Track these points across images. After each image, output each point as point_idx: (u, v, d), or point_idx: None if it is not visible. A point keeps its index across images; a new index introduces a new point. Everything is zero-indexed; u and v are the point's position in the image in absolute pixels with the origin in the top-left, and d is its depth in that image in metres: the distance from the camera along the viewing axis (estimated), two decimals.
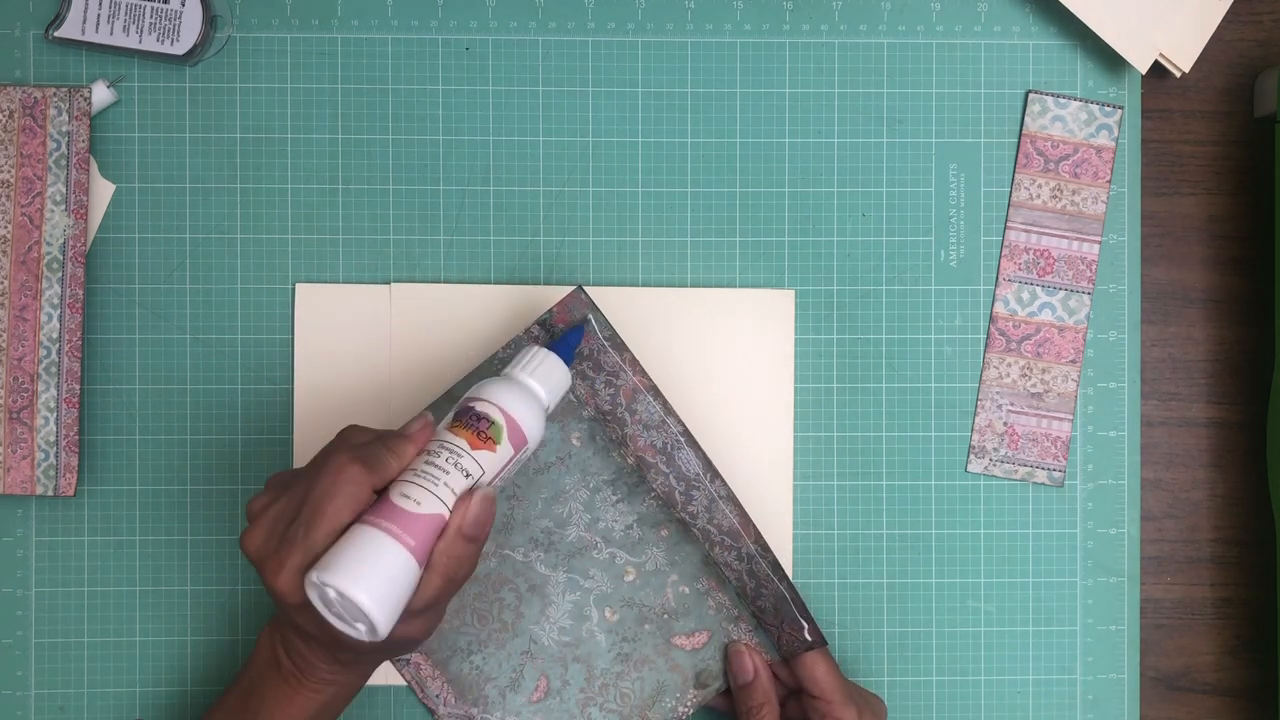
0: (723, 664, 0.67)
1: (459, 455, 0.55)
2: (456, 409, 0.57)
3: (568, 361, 0.60)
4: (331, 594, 0.52)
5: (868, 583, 0.71)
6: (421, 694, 0.68)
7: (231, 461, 0.70)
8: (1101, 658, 0.71)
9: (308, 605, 0.53)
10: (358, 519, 0.53)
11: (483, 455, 0.56)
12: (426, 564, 0.54)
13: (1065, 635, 0.71)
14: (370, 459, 0.54)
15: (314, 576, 0.52)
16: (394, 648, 0.57)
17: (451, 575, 0.54)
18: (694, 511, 0.66)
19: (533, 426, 0.58)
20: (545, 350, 0.60)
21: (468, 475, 0.55)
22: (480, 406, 0.57)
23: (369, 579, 0.51)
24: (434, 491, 0.54)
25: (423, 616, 0.55)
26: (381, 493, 0.54)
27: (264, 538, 0.54)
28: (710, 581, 0.67)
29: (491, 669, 0.68)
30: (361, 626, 0.52)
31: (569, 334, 0.62)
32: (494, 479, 0.56)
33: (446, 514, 0.54)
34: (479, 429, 0.56)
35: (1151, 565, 0.73)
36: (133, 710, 0.69)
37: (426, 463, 0.55)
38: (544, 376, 0.59)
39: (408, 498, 0.53)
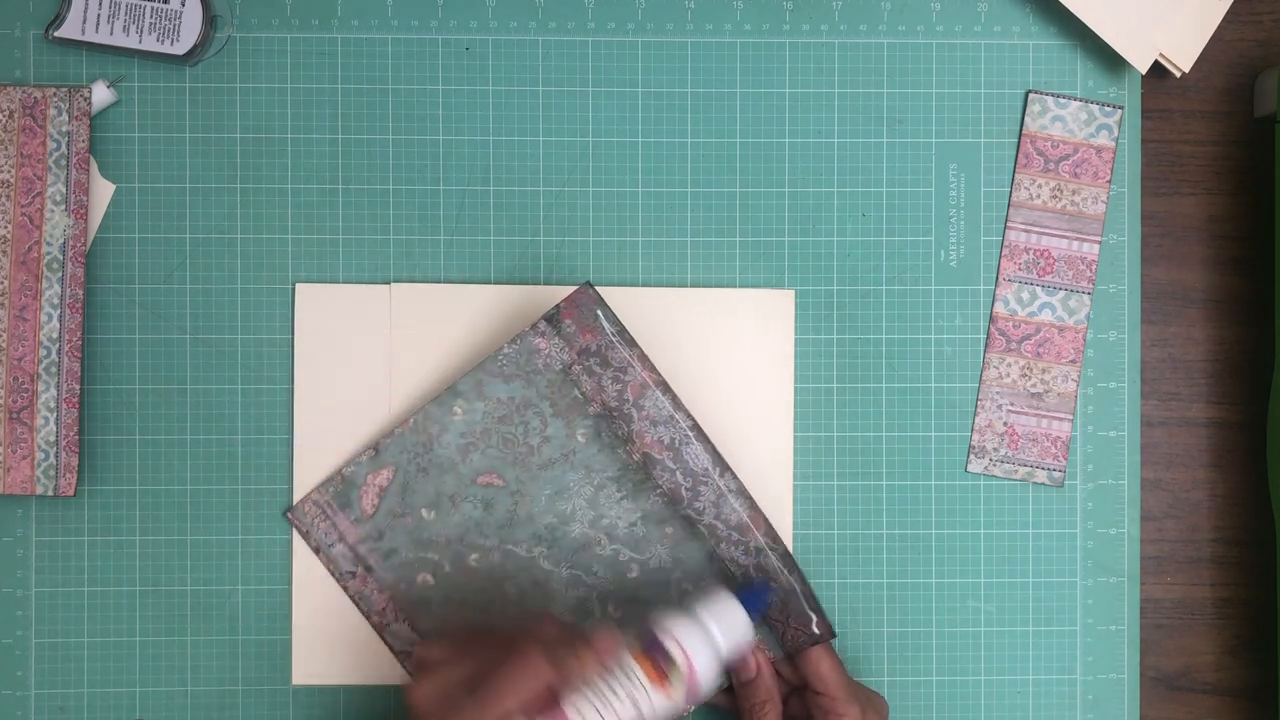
0: None
1: (634, 687, 0.56)
2: (641, 630, 0.58)
3: (755, 619, 0.61)
4: None
5: (868, 583, 0.71)
6: None
7: (231, 461, 0.70)
8: (1101, 658, 0.71)
9: None
10: (528, 714, 0.54)
11: (657, 695, 0.57)
12: None
13: (1065, 635, 0.71)
14: (559, 661, 0.55)
15: None
16: None
17: None
18: (700, 508, 0.66)
19: (707, 680, 0.59)
20: (739, 605, 0.60)
21: (637, 710, 0.56)
22: (665, 641, 0.58)
23: None
24: (600, 713, 0.55)
25: None
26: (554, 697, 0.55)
27: (435, 696, 0.55)
28: (714, 580, 0.67)
29: None
30: None
31: (760, 592, 0.62)
32: (657, 718, 0.57)
33: None
34: (657, 662, 0.57)
35: (1151, 565, 0.73)
36: (133, 710, 0.69)
37: (604, 683, 0.56)
38: (728, 630, 0.60)
39: (576, 711, 0.55)
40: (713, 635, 0.59)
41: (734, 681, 0.66)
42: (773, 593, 0.63)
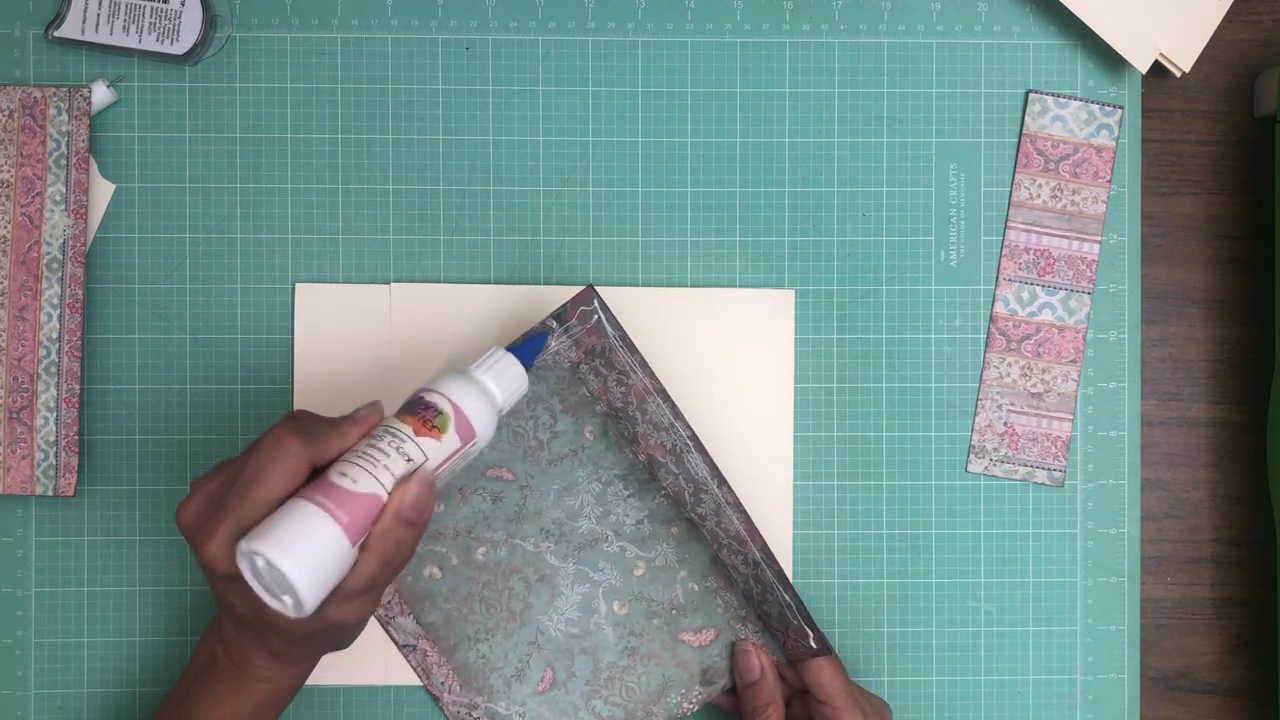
0: (729, 662, 0.67)
1: (402, 440, 0.55)
2: (408, 399, 0.57)
3: (527, 366, 0.60)
4: (260, 563, 0.51)
5: (868, 583, 0.71)
6: (427, 681, 0.68)
7: None
8: (1101, 658, 0.71)
9: (237, 578, 0.52)
10: (294, 494, 0.52)
11: (426, 442, 0.55)
12: (363, 545, 0.53)
13: (1065, 635, 0.71)
14: (311, 433, 0.54)
15: (243, 545, 0.51)
16: (327, 635, 0.55)
17: (388, 558, 0.53)
18: (702, 514, 0.66)
19: (483, 422, 0.57)
20: (505, 351, 0.59)
21: (409, 460, 0.54)
22: (429, 396, 0.56)
23: (297, 549, 0.50)
24: (372, 472, 0.53)
25: (358, 600, 0.53)
26: (322, 471, 0.54)
27: (199, 508, 0.53)
28: (718, 581, 0.67)
29: (498, 658, 0.68)
30: (288, 600, 0.51)
31: (532, 339, 0.61)
32: (438, 468, 0.55)
33: (384, 495, 0.53)
34: (425, 417, 0.56)
35: (1151, 565, 0.73)
36: (133, 711, 0.69)
37: (368, 445, 0.54)
38: (499, 375, 0.58)
39: (345, 475, 0.53)
40: (481, 382, 0.58)
41: (738, 683, 0.66)
42: (546, 338, 0.62)
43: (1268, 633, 0.72)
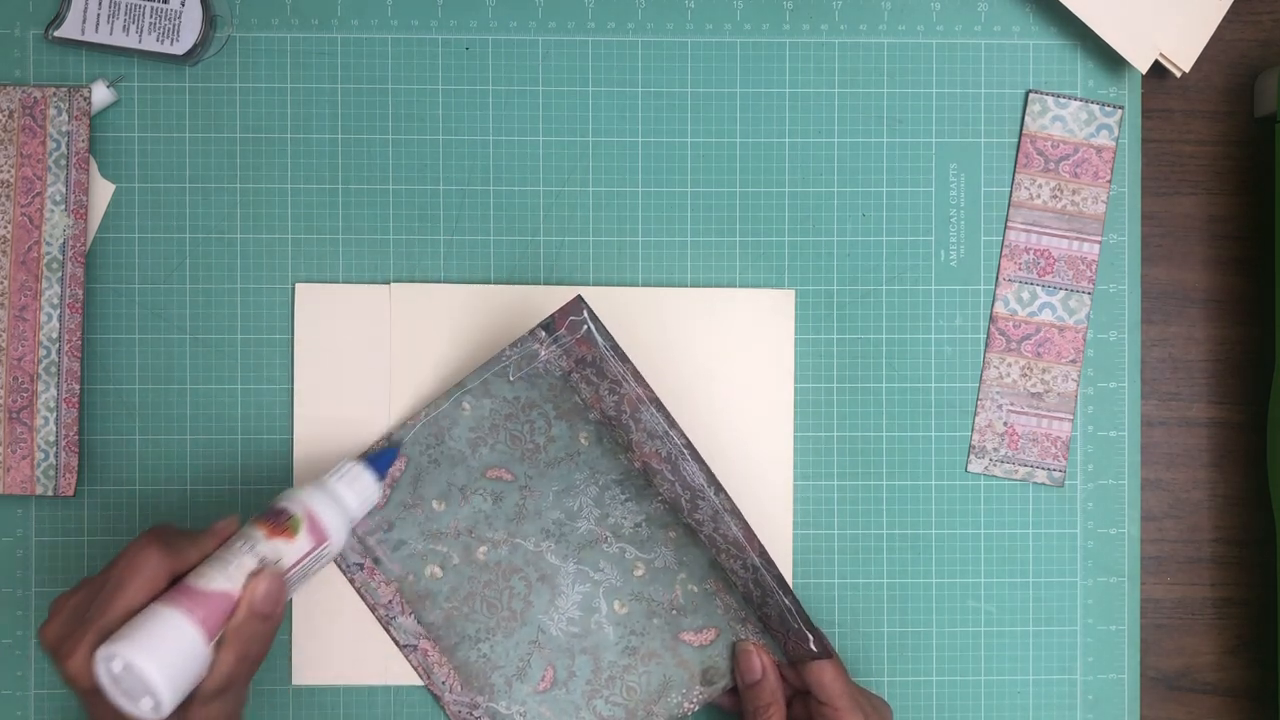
0: (730, 662, 0.67)
1: (255, 542, 0.58)
2: (266, 508, 0.60)
3: (380, 476, 0.64)
4: (118, 667, 0.53)
5: (868, 583, 0.71)
6: (428, 680, 0.68)
7: (231, 461, 0.70)
8: (1101, 658, 0.71)
9: (100, 691, 0.53)
10: (152, 601, 0.55)
11: (278, 543, 0.58)
12: (219, 642, 0.55)
13: (1065, 635, 0.71)
14: (170, 545, 0.56)
15: (100, 650, 0.53)
16: None
17: (244, 652, 0.55)
18: (700, 519, 0.65)
19: (335, 527, 0.60)
20: (359, 463, 0.63)
21: (262, 560, 0.57)
22: (283, 503, 0.60)
23: (151, 648, 0.53)
24: (225, 572, 0.56)
25: (221, 699, 0.55)
26: (180, 579, 0.56)
27: (61, 625, 0.55)
28: (717, 584, 0.67)
29: (499, 657, 0.68)
30: (148, 703, 0.53)
31: (385, 452, 0.65)
32: (290, 568, 0.58)
33: (237, 592, 0.56)
34: (277, 521, 0.59)
35: (1151, 565, 0.73)
36: None
37: (224, 550, 0.57)
38: (351, 484, 0.62)
39: (201, 577, 0.56)
40: (340, 496, 0.61)
41: (739, 683, 0.66)
42: (396, 453, 0.67)
43: (1268, 633, 0.72)
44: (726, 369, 0.70)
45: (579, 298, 0.63)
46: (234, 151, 0.70)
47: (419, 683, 0.69)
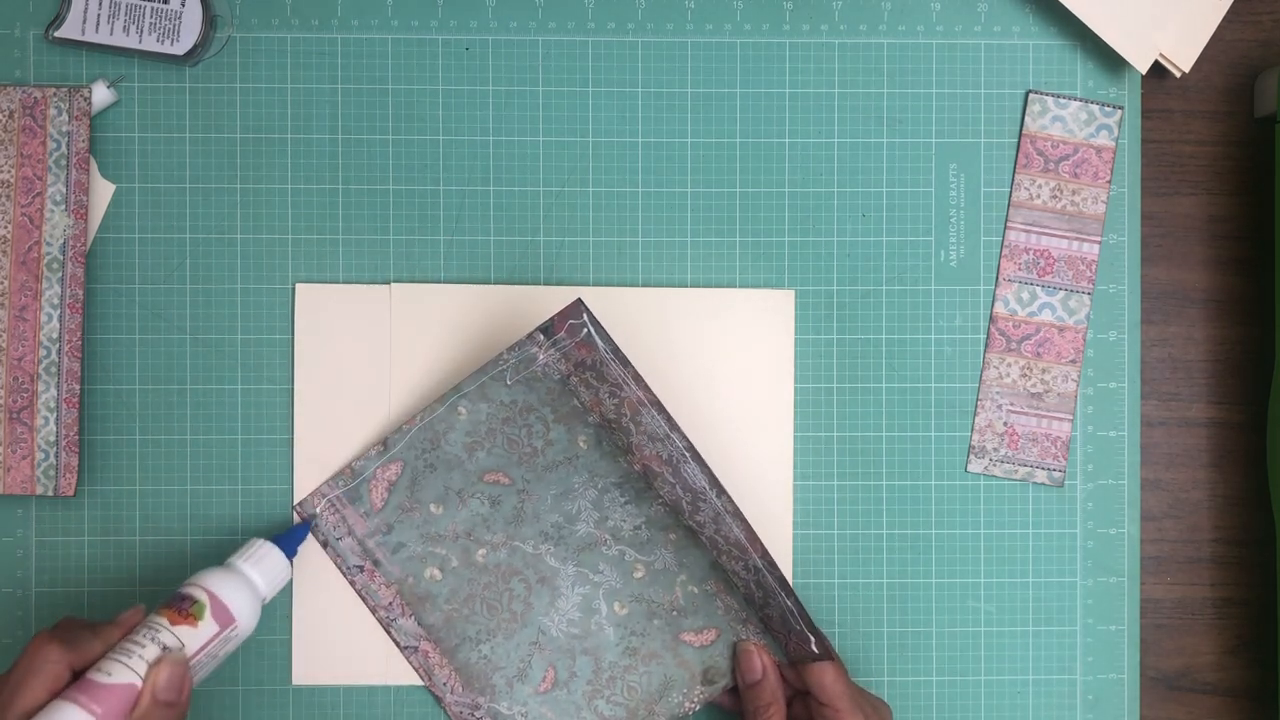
0: (730, 662, 0.67)
1: (158, 630, 0.57)
2: (171, 595, 0.60)
3: (289, 554, 0.64)
4: None
5: (868, 583, 0.71)
6: (429, 681, 0.68)
7: (231, 461, 0.70)
8: (1101, 658, 0.71)
9: None
10: (53, 698, 0.54)
11: (182, 630, 0.58)
12: None
13: (1065, 635, 0.71)
14: (71, 639, 0.55)
15: None
16: None
17: None
18: (701, 521, 0.65)
19: (243, 609, 0.60)
20: (267, 542, 0.63)
21: (164, 648, 0.57)
22: (186, 589, 0.60)
23: None
24: (127, 663, 0.56)
25: None
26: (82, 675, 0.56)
27: None
28: (718, 585, 0.67)
29: (499, 658, 0.68)
30: None
31: (296, 529, 0.66)
32: (196, 653, 0.58)
33: (139, 683, 0.55)
34: (180, 607, 0.59)
35: (1151, 565, 0.73)
36: None
37: (126, 641, 0.57)
38: (258, 563, 0.62)
39: (101, 671, 0.55)
40: (249, 578, 0.61)
41: (740, 683, 0.66)
42: (307, 529, 0.67)
43: (1268, 633, 0.72)
44: (726, 369, 0.70)
45: (579, 301, 0.63)
46: (234, 151, 0.70)
47: (419, 683, 0.69)
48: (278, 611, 0.69)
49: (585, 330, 0.63)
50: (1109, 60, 0.71)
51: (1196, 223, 0.73)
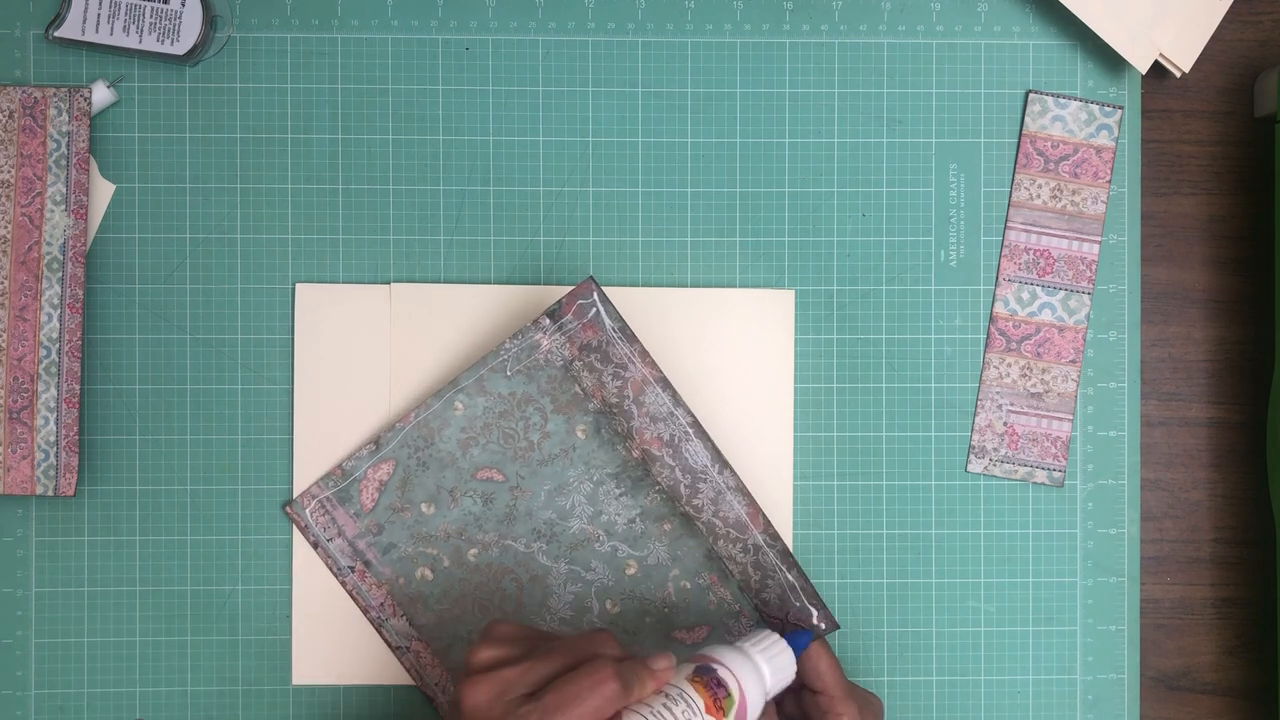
0: None
1: (693, 713, 0.56)
2: (698, 662, 0.58)
3: (797, 653, 0.61)
4: None
5: (868, 583, 0.71)
6: (420, 682, 0.68)
7: (231, 461, 0.70)
8: (1101, 658, 0.71)
9: None
10: None
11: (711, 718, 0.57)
12: None
13: (1065, 635, 0.71)
14: (627, 681, 0.55)
15: None
16: None
17: None
18: (699, 505, 0.66)
19: (755, 707, 0.59)
20: (785, 643, 0.61)
21: None
22: (722, 673, 0.58)
23: None
24: None
25: None
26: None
27: (492, 698, 0.54)
28: (712, 577, 0.67)
29: None
30: None
31: (801, 635, 0.63)
32: None
33: None
34: (716, 695, 0.57)
35: (1151, 565, 0.73)
36: (133, 710, 0.69)
37: (665, 706, 0.56)
38: (772, 660, 0.60)
39: None
40: (763, 674, 0.60)
41: None
42: (812, 636, 0.63)
43: (1268, 633, 0.72)
44: (726, 369, 0.70)
45: (591, 279, 0.64)
46: (234, 151, 0.70)
47: (414, 683, 0.69)
48: (278, 611, 0.69)
49: (594, 309, 0.64)
50: (1109, 60, 0.71)
51: (1196, 223, 0.73)
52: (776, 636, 0.61)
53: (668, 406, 0.65)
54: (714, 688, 0.57)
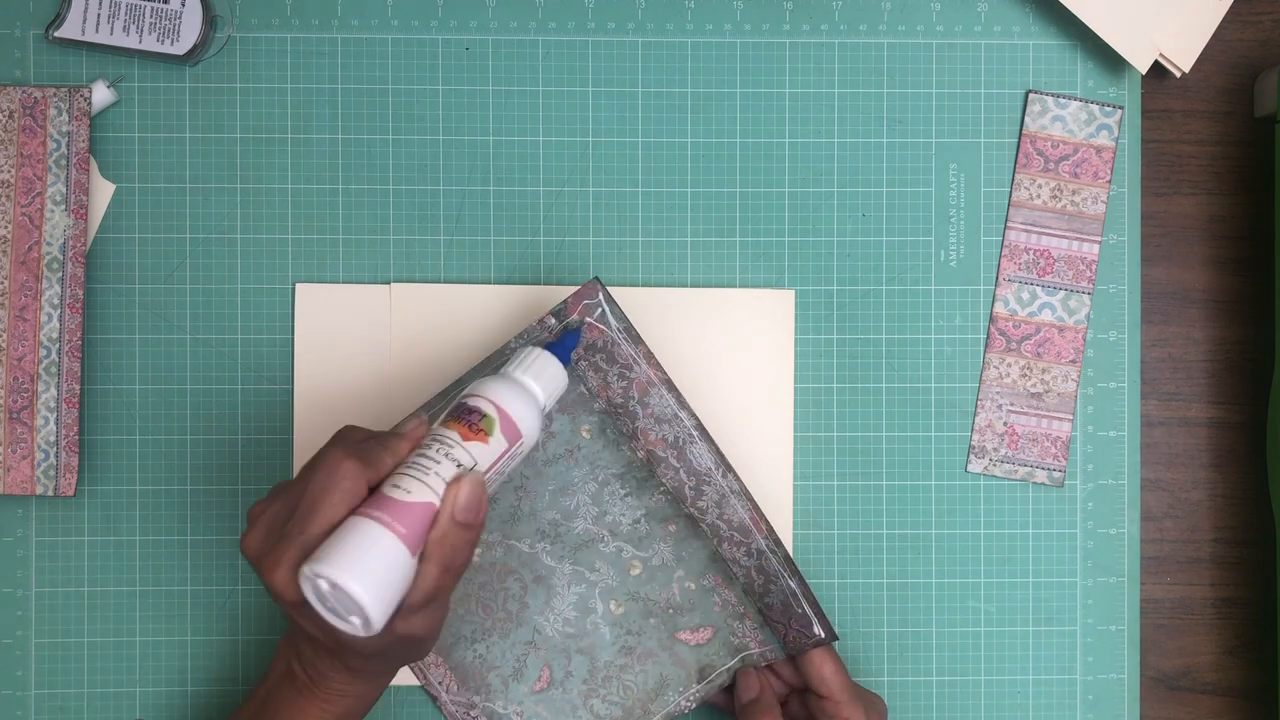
0: (726, 659, 0.67)
1: (450, 446, 0.55)
2: (451, 406, 0.58)
3: (565, 363, 0.60)
4: (325, 586, 0.51)
5: (868, 583, 0.71)
6: (424, 680, 0.68)
7: (231, 461, 0.70)
8: (1101, 658, 0.71)
9: (307, 603, 0.53)
10: (352, 513, 0.53)
11: (474, 446, 0.56)
12: (422, 555, 0.53)
13: (1065, 635, 0.71)
14: (365, 454, 0.54)
15: (306, 569, 0.51)
16: (400, 648, 0.56)
17: (448, 564, 0.53)
18: (703, 507, 0.66)
19: (528, 422, 0.58)
20: (542, 350, 0.60)
21: (459, 465, 0.55)
22: (473, 401, 0.57)
23: (359, 567, 0.51)
24: (424, 480, 0.54)
25: (425, 611, 0.54)
26: (376, 489, 0.54)
27: (262, 537, 0.54)
28: (716, 578, 0.67)
29: (495, 658, 0.68)
30: (356, 620, 0.52)
31: (566, 336, 0.62)
32: (488, 470, 0.56)
33: (437, 502, 0.54)
34: (470, 421, 0.56)
35: (1151, 565, 0.73)
36: (133, 710, 0.69)
37: (419, 455, 0.55)
38: (539, 374, 0.59)
39: (398, 488, 0.53)
40: (523, 383, 0.59)
41: (735, 703, 0.66)
42: (578, 336, 0.62)
43: (1268, 633, 0.72)
44: (726, 369, 0.70)
45: (596, 280, 0.64)
46: (234, 151, 0.70)
47: (417, 682, 0.69)
48: (278, 611, 0.69)
49: (600, 309, 0.64)
50: (1109, 60, 0.71)
51: (1196, 223, 0.73)
52: (534, 349, 0.60)
53: (672, 409, 0.65)
54: (465, 416, 0.57)
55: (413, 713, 0.70)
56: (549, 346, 0.60)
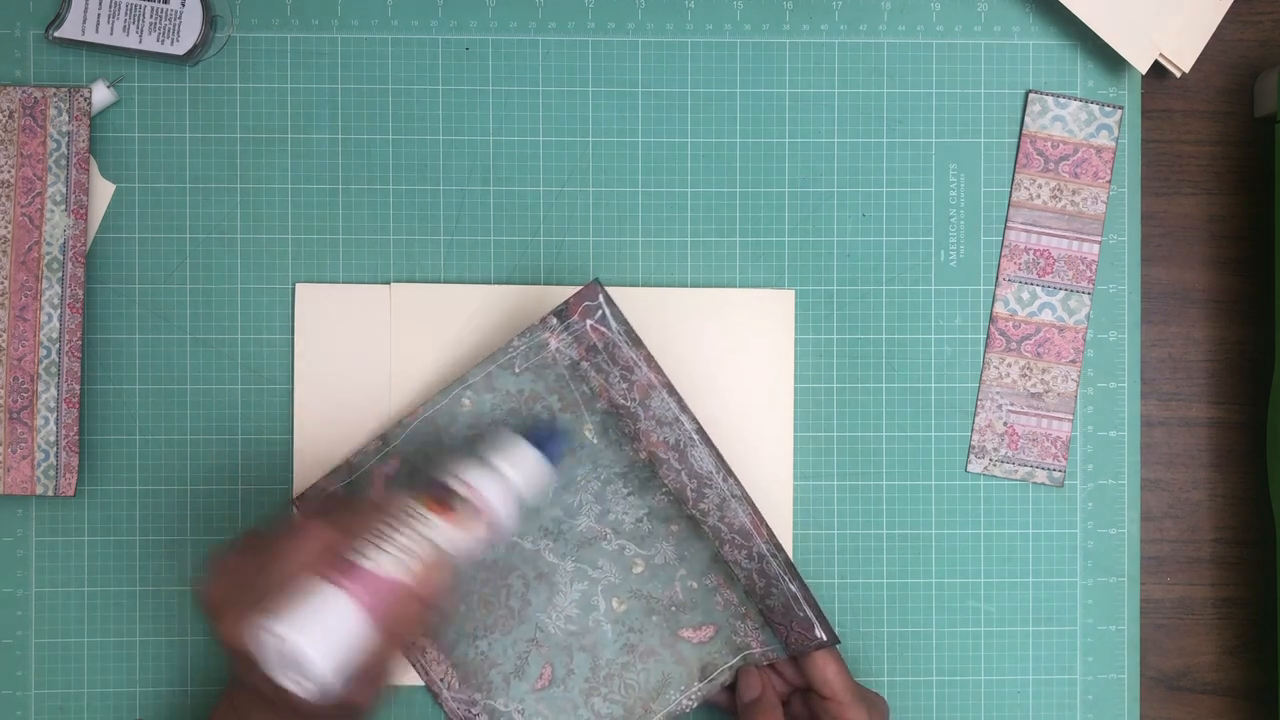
0: (728, 657, 0.67)
1: (421, 523, 0.57)
2: (429, 482, 0.59)
3: (553, 461, 0.62)
4: (279, 644, 0.52)
5: (868, 583, 0.71)
6: (426, 678, 0.68)
7: (231, 461, 0.70)
8: (1101, 658, 0.71)
9: (258, 659, 0.53)
10: (316, 576, 0.54)
11: (447, 527, 0.57)
12: (378, 625, 0.54)
13: (1065, 635, 0.71)
14: (336, 519, 0.55)
15: (264, 626, 0.52)
16: (341, 715, 0.56)
17: (403, 637, 0.55)
18: (705, 509, 0.66)
19: (503, 512, 0.59)
20: (527, 444, 0.61)
21: (430, 544, 0.56)
22: (452, 482, 0.59)
23: (316, 633, 0.52)
24: (396, 555, 0.55)
25: (370, 679, 0.55)
26: (342, 555, 0.55)
27: (223, 588, 0.55)
28: (718, 579, 0.67)
29: (497, 655, 0.68)
30: (304, 681, 0.53)
31: (558, 434, 0.63)
32: (455, 550, 0.57)
33: (402, 576, 0.55)
34: (443, 500, 0.58)
35: (1151, 565, 0.73)
36: (133, 710, 0.69)
37: (390, 528, 0.56)
38: (521, 466, 0.61)
39: (368, 558, 0.55)
40: (500, 470, 0.60)
41: (737, 702, 0.66)
42: (567, 438, 0.63)
43: (1268, 633, 0.72)
44: (726, 369, 0.70)
45: (596, 281, 0.64)
46: (234, 151, 0.70)
47: (419, 682, 0.69)
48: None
49: (600, 311, 0.64)
50: (1109, 60, 0.71)
51: (1196, 223, 0.73)
52: (524, 443, 0.61)
53: (673, 412, 0.65)
54: (437, 491, 0.58)
55: (414, 710, 0.70)
56: (532, 438, 0.62)
